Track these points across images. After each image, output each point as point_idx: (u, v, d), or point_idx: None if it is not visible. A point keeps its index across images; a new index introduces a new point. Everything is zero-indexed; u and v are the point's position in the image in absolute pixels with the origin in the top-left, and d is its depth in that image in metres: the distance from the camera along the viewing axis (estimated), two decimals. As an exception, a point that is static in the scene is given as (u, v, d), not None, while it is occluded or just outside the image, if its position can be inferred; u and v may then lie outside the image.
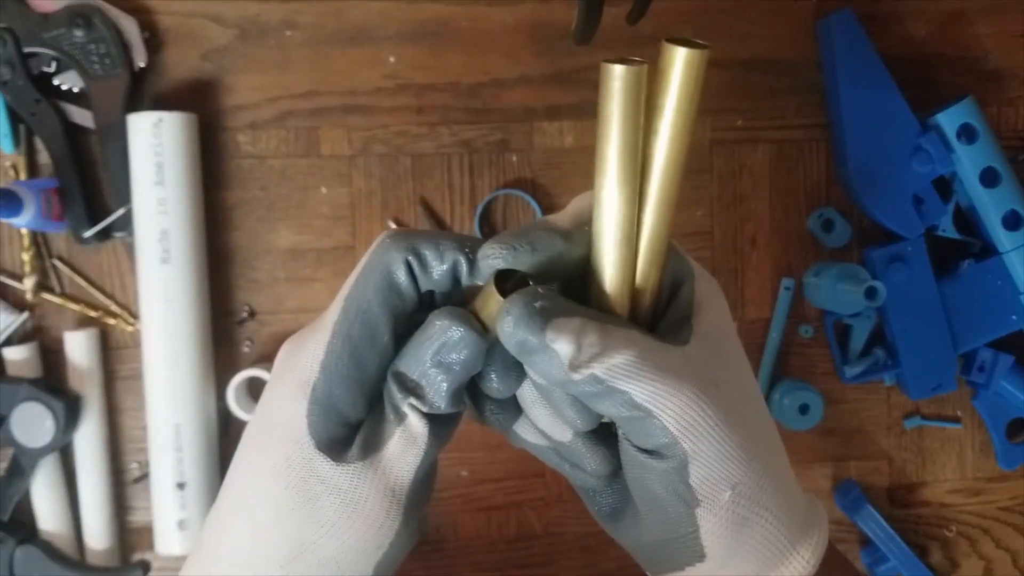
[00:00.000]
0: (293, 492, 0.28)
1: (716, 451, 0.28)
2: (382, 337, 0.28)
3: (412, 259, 0.28)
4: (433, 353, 0.28)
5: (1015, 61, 0.73)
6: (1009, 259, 0.69)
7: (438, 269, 0.28)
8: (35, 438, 0.63)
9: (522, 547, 0.71)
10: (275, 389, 0.30)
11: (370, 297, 0.28)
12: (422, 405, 0.28)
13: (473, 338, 0.27)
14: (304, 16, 0.68)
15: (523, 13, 0.69)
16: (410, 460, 0.28)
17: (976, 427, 0.75)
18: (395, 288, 0.28)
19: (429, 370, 0.28)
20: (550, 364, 0.27)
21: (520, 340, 0.27)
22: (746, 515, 0.29)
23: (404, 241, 0.28)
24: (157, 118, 0.62)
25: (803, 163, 0.72)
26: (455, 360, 0.28)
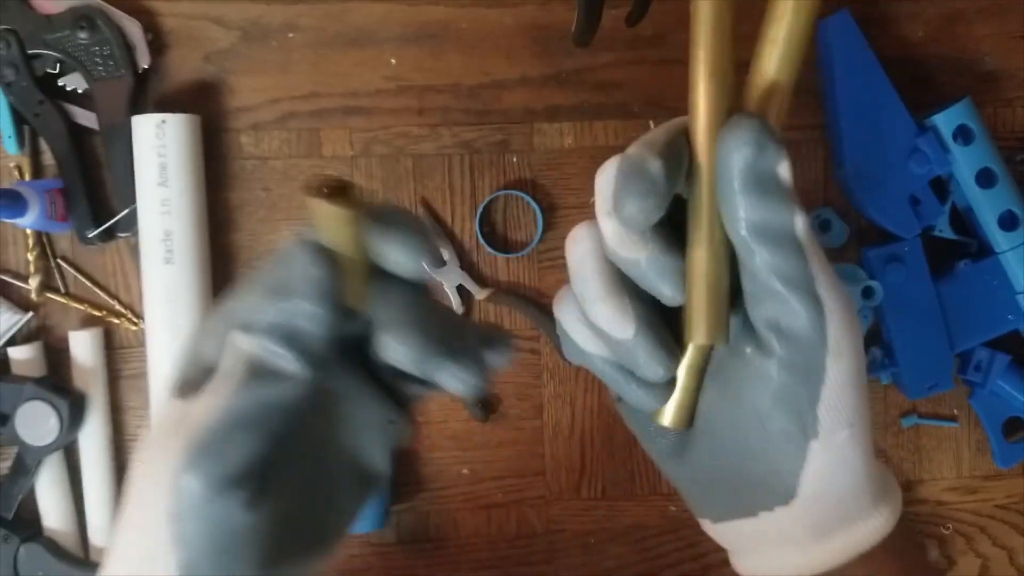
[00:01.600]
0: (147, 437, 0.28)
1: (853, 380, 0.27)
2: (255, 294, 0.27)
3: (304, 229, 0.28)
4: (271, 283, 0.26)
5: (1012, 62, 0.74)
6: (1005, 259, 0.69)
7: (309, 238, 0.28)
8: (39, 437, 0.64)
9: (522, 545, 0.72)
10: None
11: (256, 272, 0.27)
12: (244, 339, 0.26)
13: (312, 257, 0.26)
14: (306, 18, 0.69)
15: (523, 15, 0.70)
16: (210, 398, 0.26)
17: (973, 426, 0.75)
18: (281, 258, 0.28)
19: (265, 299, 0.27)
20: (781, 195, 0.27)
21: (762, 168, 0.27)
22: (850, 460, 0.28)
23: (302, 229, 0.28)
24: (160, 119, 0.63)
25: (801, 164, 0.73)
26: (291, 285, 0.26)
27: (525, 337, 0.71)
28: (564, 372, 0.71)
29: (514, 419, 0.71)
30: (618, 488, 0.72)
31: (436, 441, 0.71)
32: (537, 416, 0.71)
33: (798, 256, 0.27)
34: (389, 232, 0.26)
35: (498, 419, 0.71)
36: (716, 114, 0.29)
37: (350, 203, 0.25)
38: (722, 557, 0.74)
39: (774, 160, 0.27)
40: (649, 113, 0.71)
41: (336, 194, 0.25)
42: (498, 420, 0.71)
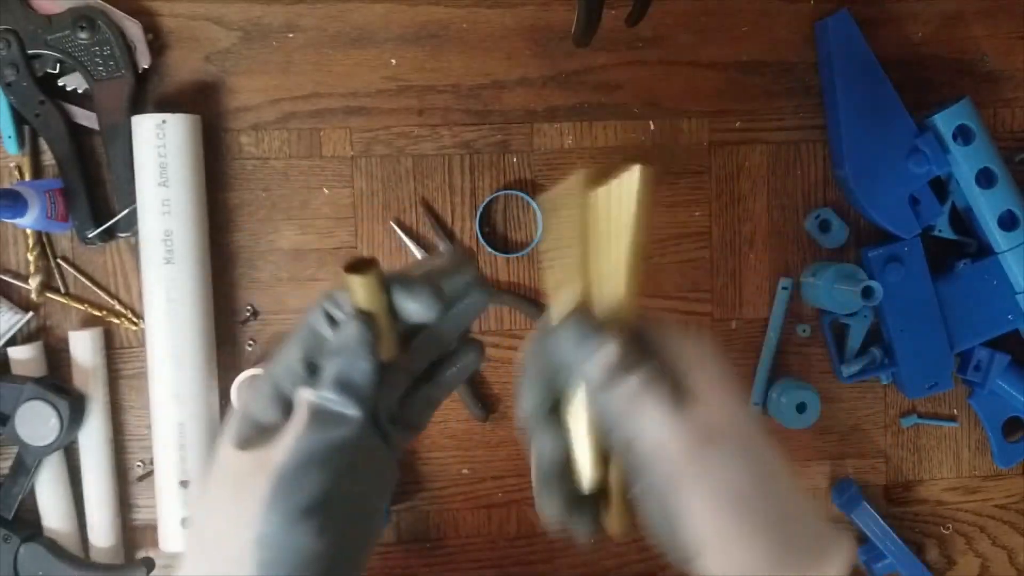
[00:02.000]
0: (213, 484, 0.34)
1: (713, 498, 0.34)
2: (294, 363, 0.34)
3: (330, 306, 0.34)
4: (329, 348, 0.33)
5: (1011, 63, 0.74)
6: (1005, 259, 0.70)
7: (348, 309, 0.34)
8: (40, 436, 0.64)
9: (522, 544, 0.72)
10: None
11: (292, 344, 0.34)
12: (310, 392, 0.32)
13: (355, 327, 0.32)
14: (306, 19, 0.69)
15: (523, 16, 0.70)
16: (287, 440, 0.32)
17: (972, 425, 0.75)
18: (315, 336, 0.33)
19: (324, 362, 0.33)
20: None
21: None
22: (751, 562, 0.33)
23: (321, 297, 0.34)
24: (161, 119, 0.63)
25: (801, 164, 0.73)
26: (342, 346, 0.32)
27: (525, 337, 0.71)
28: (564, 372, 0.71)
29: (514, 419, 0.71)
30: (618, 488, 0.72)
31: (436, 441, 0.71)
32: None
33: (628, 405, 0.34)
34: (407, 293, 0.33)
35: (498, 419, 0.71)
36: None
37: (376, 274, 0.32)
38: (722, 557, 0.74)
39: (591, 349, 0.35)
40: (648, 113, 0.71)
41: (364, 269, 0.32)
42: (498, 420, 0.71)
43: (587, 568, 0.72)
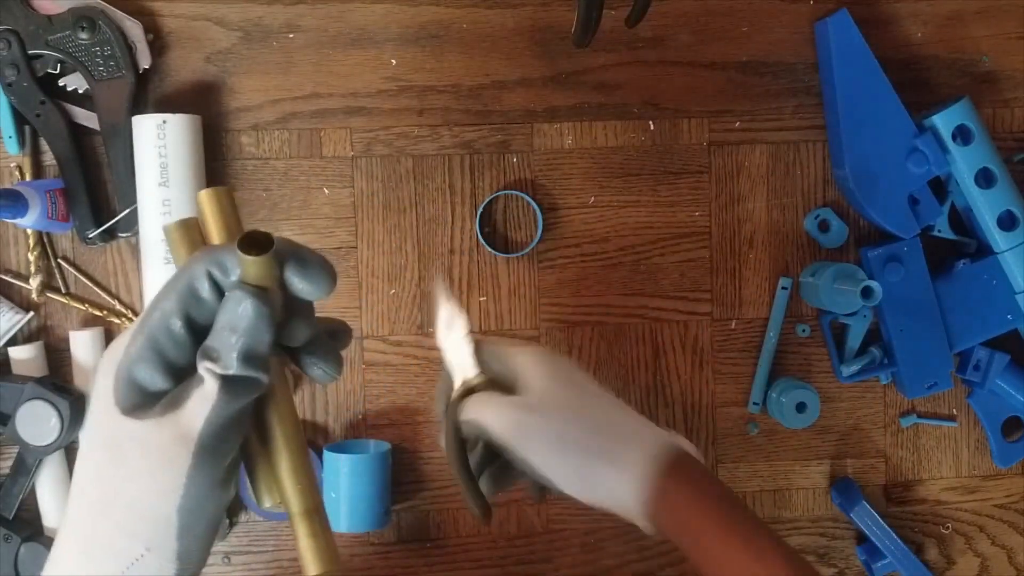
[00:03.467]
0: (104, 450, 0.33)
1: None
2: (177, 329, 0.33)
3: (214, 271, 0.33)
4: (223, 322, 0.32)
5: (1011, 63, 0.74)
6: (1004, 259, 0.70)
7: (235, 273, 0.33)
8: (40, 436, 0.64)
9: (522, 544, 0.72)
10: (97, 374, 0.35)
11: (168, 301, 0.33)
12: (216, 367, 0.32)
13: (247, 300, 0.32)
14: (307, 19, 0.69)
15: (523, 16, 0.70)
16: (201, 412, 0.32)
17: (972, 425, 0.75)
18: (194, 294, 0.33)
19: (222, 337, 0.32)
20: None
21: None
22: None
23: (207, 256, 0.33)
24: (161, 120, 0.63)
25: (800, 164, 0.73)
26: (239, 325, 0.32)
27: (525, 337, 0.71)
28: (564, 372, 0.71)
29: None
30: (618, 488, 0.72)
31: (436, 441, 0.71)
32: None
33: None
34: (302, 274, 0.34)
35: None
36: None
37: (275, 254, 0.32)
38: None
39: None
40: (648, 113, 0.71)
41: (261, 247, 0.32)
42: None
43: (587, 568, 0.72)
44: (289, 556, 0.70)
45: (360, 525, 0.66)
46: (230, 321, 0.32)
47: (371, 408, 0.70)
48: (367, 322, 0.70)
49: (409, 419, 0.71)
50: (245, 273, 0.33)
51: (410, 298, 0.70)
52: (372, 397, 0.70)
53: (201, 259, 0.33)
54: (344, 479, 0.65)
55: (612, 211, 0.72)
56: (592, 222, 0.72)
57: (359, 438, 0.70)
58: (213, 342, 0.33)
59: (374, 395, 0.70)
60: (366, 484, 0.66)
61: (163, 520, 0.33)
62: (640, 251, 0.72)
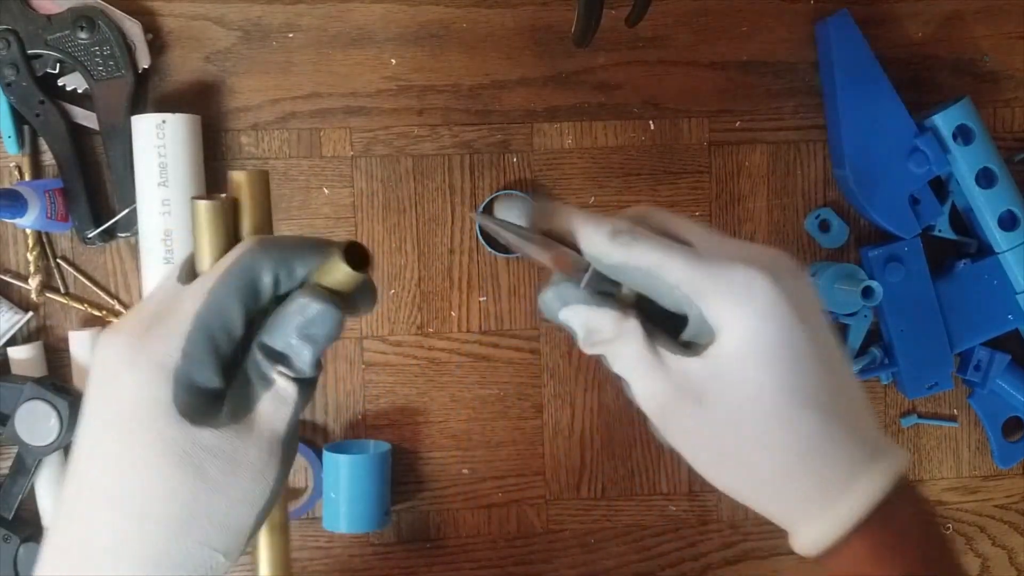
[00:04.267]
0: (179, 467, 0.30)
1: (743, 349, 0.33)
2: (236, 329, 0.32)
3: (281, 272, 0.32)
4: (297, 327, 0.31)
5: (1011, 63, 0.74)
6: (1005, 259, 0.70)
7: (301, 275, 0.32)
8: (39, 437, 0.64)
9: (522, 544, 0.72)
10: (120, 381, 0.31)
11: (230, 298, 0.31)
12: (290, 371, 0.32)
13: (332, 311, 0.31)
14: (306, 18, 0.69)
15: (523, 15, 0.70)
16: (283, 417, 0.32)
17: (972, 425, 0.75)
18: (256, 292, 0.32)
19: (294, 342, 0.32)
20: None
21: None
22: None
23: (275, 252, 0.32)
24: (161, 119, 0.63)
25: (800, 164, 0.73)
26: (317, 333, 0.32)
27: (525, 337, 0.71)
28: (564, 372, 0.71)
29: (514, 419, 0.71)
30: (618, 488, 0.72)
31: (436, 441, 0.71)
32: (537, 416, 0.71)
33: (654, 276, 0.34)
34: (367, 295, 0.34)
35: (498, 419, 0.71)
36: None
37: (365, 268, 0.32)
38: (722, 557, 0.74)
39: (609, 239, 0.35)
40: (648, 113, 0.71)
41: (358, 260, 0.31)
42: (498, 419, 0.71)
43: (587, 568, 0.72)
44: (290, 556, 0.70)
45: (360, 525, 0.66)
46: (305, 327, 0.31)
47: (371, 408, 0.70)
48: (367, 322, 0.70)
49: (409, 419, 0.71)
50: (325, 277, 0.32)
51: (410, 298, 0.70)
52: (372, 397, 0.70)
53: (266, 255, 0.31)
54: (344, 479, 0.65)
55: (612, 211, 0.71)
56: (592, 222, 0.71)
57: (359, 438, 0.70)
58: (282, 346, 0.32)
59: (374, 395, 0.70)
60: (366, 484, 0.66)
61: (245, 527, 0.32)
62: (640, 251, 0.72)
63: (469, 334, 0.71)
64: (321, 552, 0.70)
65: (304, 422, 0.70)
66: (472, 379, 0.71)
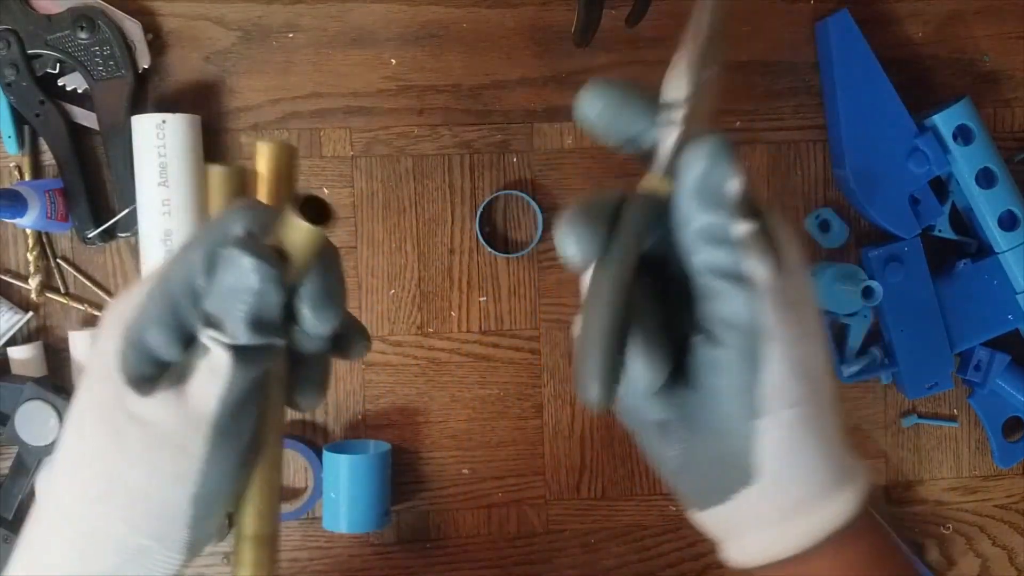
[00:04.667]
0: (102, 427, 0.29)
1: (793, 363, 0.29)
2: (202, 288, 0.29)
3: (255, 227, 0.29)
4: (228, 285, 0.28)
5: (1011, 63, 0.74)
6: (1005, 259, 0.70)
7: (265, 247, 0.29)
8: (39, 437, 0.64)
9: (523, 544, 0.72)
10: (98, 337, 0.30)
11: (197, 257, 0.29)
12: (223, 336, 0.28)
13: (262, 266, 0.28)
14: (306, 19, 0.69)
15: (523, 15, 0.70)
16: (212, 389, 0.29)
17: (972, 425, 0.75)
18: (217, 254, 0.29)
19: (226, 301, 0.28)
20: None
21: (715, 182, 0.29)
22: (802, 440, 0.30)
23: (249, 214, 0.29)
24: (161, 119, 0.63)
25: (801, 164, 0.73)
26: (247, 288, 0.28)
27: (525, 337, 0.71)
28: (564, 372, 0.71)
29: (514, 419, 0.71)
30: (618, 488, 0.72)
31: (436, 441, 0.71)
32: (537, 416, 0.71)
33: (731, 256, 0.29)
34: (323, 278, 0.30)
35: (498, 419, 0.71)
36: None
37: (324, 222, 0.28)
38: (722, 557, 0.74)
39: (723, 175, 0.29)
40: (649, 113, 0.71)
41: (316, 214, 0.28)
42: (498, 420, 0.71)
43: (587, 568, 0.72)
44: (289, 557, 0.70)
45: (360, 525, 0.66)
46: (235, 283, 0.28)
47: (371, 408, 0.70)
48: (367, 322, 0.70)
49: (409, 419, 0.71)
50: (286, 237, 0.28)
51: (410, 298, 0.70)
52: (372, 397, 0.70)
53: (240, 213, 0.29)
54: (344, 479, 0.65)
55: (612, 211, 0.71)
56: (592, 222, 0.71)
57: (359, 438, 0.70)
58: (214, 307, 0.28)
59: (374, 395, 0.70)
60: (366, 484, 0.66)
61: (173, 510, 0.29)
62: (640, 251, 0.72)
63: (469, 334, 0.71)
64: (321, 552, 0.70)
65: (304, 422, 0.70)
66: (472, 379, 0.71)
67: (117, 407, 0.29)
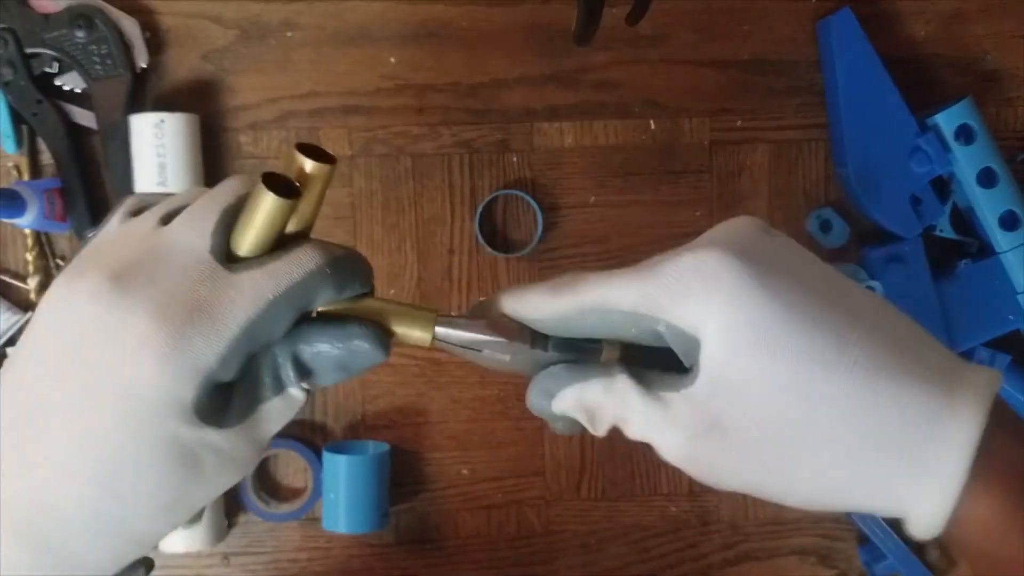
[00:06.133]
0: (180, 463, 0.30)
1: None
2: (280, 335, 0.31)
3: (340, 294, 0.32)
4: (339, 356, 0.32)
5: (1014, 62, 0.74)
6: (1006, 259, 0.69)
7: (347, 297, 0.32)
8: (38, 437, 0.63)
9: (522, 545, 0.72)
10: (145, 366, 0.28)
11: (286, 315, 0.30)
12: (308, 385, 0.32)
13: (382, 356, 0.32)
14: (305, 17, 0.68)
15: (523, 14, 0.70)
16: (282, 421, 0.33)
17: (973, 426, 0.75)
18: (308, 310, 0.31)
19: (326, 361, 0.32)
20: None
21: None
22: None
23: (339, 278, 0.31)
24: (159, 119, 0.63)
25: (802, 163, 0.73)
26: (357, 366, 0.32)
27: (525, 337, 0.71)
28: (564, 372, 0.71)
29: (514, 420, 0.71)
30: (618, 488, 0.72)
31: (436, 441, 0.71)
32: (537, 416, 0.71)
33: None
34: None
35: (498, 419, 0.71)
36: None
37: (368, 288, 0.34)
38: (722, 557, 0.74)
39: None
40: (649, 113, 0.71)
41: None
42: (498, 420, 0.71)
43: (587, 569, 0.72)
44: (289, 557, 0.70)
45: (359, 526, 0.66)
46: (344, 359, 0.32)
47: (370, 409, 0.70)
48: (366, 322, 0.70)
49: (408, 420, 0.71)
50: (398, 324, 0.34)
51: (410, 298, 0.70)
52: (371, 398, 0.70)
53: (331, 281, 0.31)
54: (343, 480, 0.65)
55: (613, 211, 0.71)
56: (593, 221, 0.71)
57: (358, 439, 0.70)
58: (312, 362, 0.32)
59: (373, 396, 0.70)
60: (365, 485, 0.66)
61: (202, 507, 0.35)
62: (641, 251, 0.72)
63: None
64: (321, 552, 0.70)
65: (304, 422, 0.70)
66: (472, 379, 0.71)
67: (197, 443, 0.30)
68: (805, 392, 0.28)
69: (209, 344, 0.28)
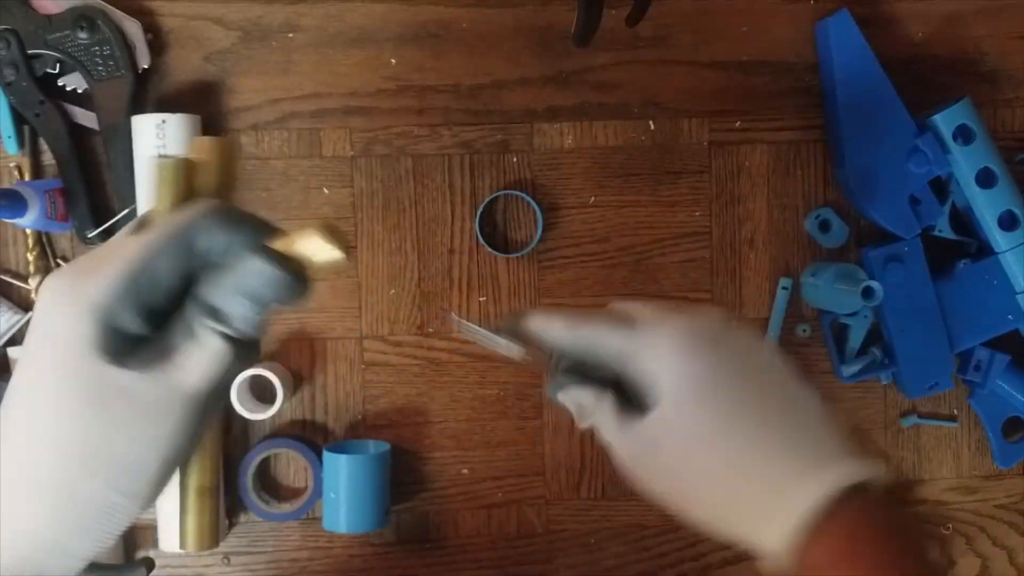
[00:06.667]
0: (84, 401, 0.32)
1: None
2: (166, 281, 0.33)
3: (220, 239, 0.33)
4: (246, 289, 0.32)
5: (1012, 62, 0.74)
6: (1005, 259, 0.70)
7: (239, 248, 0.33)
8: (40, 436, 0.63)
9: (522, 545, 0.72)
10: (53, 316, 0.32)
11: (165, 252, 0.32)
12: (227, 329, 0.33)
13: (289, 280, 0.32)
14: (306, 18, 0.69)
15: (523, 15, 0.70)
16: (201, 368, 0.33)
17: (972, 425, 0.75)
18: (191, 251, 0.33)
19: (237, 300, 0.32)
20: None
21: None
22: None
23: (219, 220, 0.33)
24: (160, 119, 0.63)
25: (801, 164, 0.73)
26: (264, 294, 0.32)
27: (525, 337, 0.71)
28: (564, 372, 0.71)
29: (514, 419, 0.71)
30: (618, 488, 0.72)
31: (436, 441, 0.71)
32: (537, 416, 0.71)
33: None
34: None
35: (498, 419, 0.71)
36: None
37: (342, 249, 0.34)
38: (722, 557, 0.74)
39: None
40: (649, 113, 0.71)
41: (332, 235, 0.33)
42: (498, 420, 0.71)
43: (587, 568, 0.72)
44: (289, 557, 0.70)
45: (359, 525, 0.66)
46: (252, 289, 0.32)
47: (370, 408, 0.70)
48: (367, 322, 0.70)
49: (409, 419, 0.71)
50: (293, 247, 0.33)
51: (410, 298, 0.70)
52: (372, 397, 0.70)
53: (210, 221, 0.33)
54: (343, 479, 0.65)
55: (612, 211, 0.72)
56: (592, 222, 0.72)
57: (359, 438, 0.70)
58: (223, 303, 0.32)
59: (374, 395, 0.70)
60: (365, 484, 0.66)
61: (145, 470, 0.33)
62: (640, 251, 0.72)
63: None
64: (321, 552, 0.70)
65: (304, 422, 0.70)
66: (472, 379, 0.71)
67: (100, 381, 0.32)
68: (709, 440, 0.38)
69: (99, 282, 0.32)
